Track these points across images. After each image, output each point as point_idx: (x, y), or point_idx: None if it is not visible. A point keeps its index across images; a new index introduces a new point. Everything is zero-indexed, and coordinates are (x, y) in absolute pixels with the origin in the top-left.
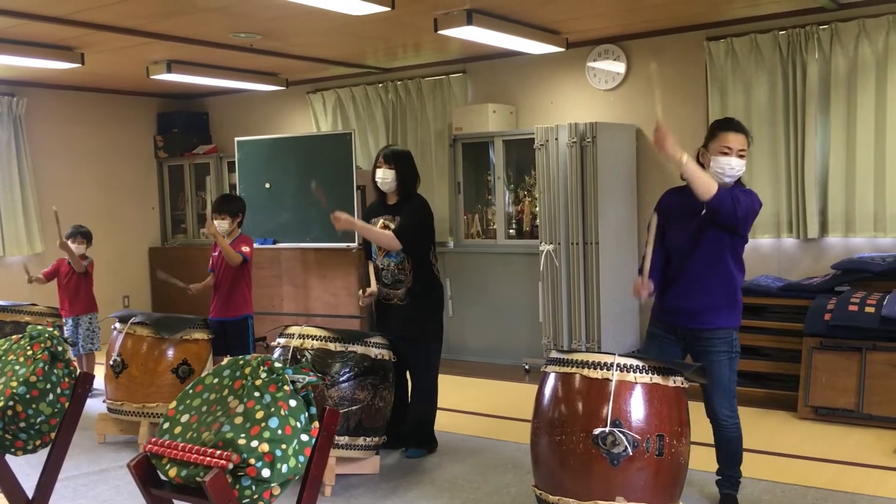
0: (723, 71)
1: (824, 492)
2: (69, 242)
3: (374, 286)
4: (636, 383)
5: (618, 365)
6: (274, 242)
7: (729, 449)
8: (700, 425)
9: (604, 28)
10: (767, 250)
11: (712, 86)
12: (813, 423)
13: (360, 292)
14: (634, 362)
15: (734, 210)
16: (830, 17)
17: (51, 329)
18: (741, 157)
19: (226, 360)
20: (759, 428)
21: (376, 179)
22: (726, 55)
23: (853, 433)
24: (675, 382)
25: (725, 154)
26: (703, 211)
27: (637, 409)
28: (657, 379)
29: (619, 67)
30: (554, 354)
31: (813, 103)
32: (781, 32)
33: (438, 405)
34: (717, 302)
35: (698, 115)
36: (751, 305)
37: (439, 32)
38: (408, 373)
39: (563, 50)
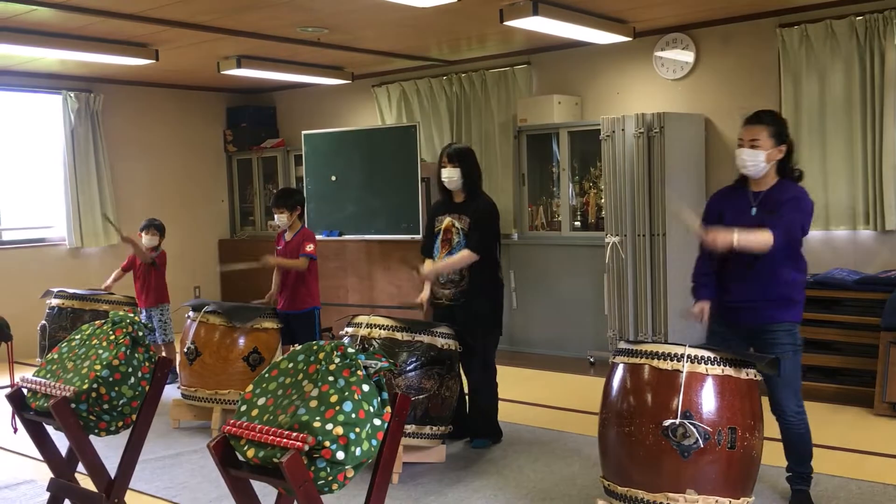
0: (796, 59)
1: None
2: (142, 234)
3: (425, 292)
4: (707, 375)
5: (688, 356)
6: (339, 234)
7: (798, 445)
8: (773, 420)
9: (672, 16)
10: (842, 242)
11: (785, 74)
12: (890, 420)
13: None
14: (706, 353)
15: (791, 238)
16: None
17: (132, 315)
18: (753, 146)
19: (299, 346)
20: (833, 424)
21: (443, 179)
22: (800, 42)
23: None
24: (747, 375)
25: (739, 146)
26: (754, 210)
27: (708, 400)
28: (729, 371)
29: (688, 56)
30: (622, 345)
31: (892, 91)
32: (858, 18)
33: (503, 396)
34: (780, 297)
35: (770, 104)
36: (824, 299)
37: (505, 23)
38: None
39: (630, 39)
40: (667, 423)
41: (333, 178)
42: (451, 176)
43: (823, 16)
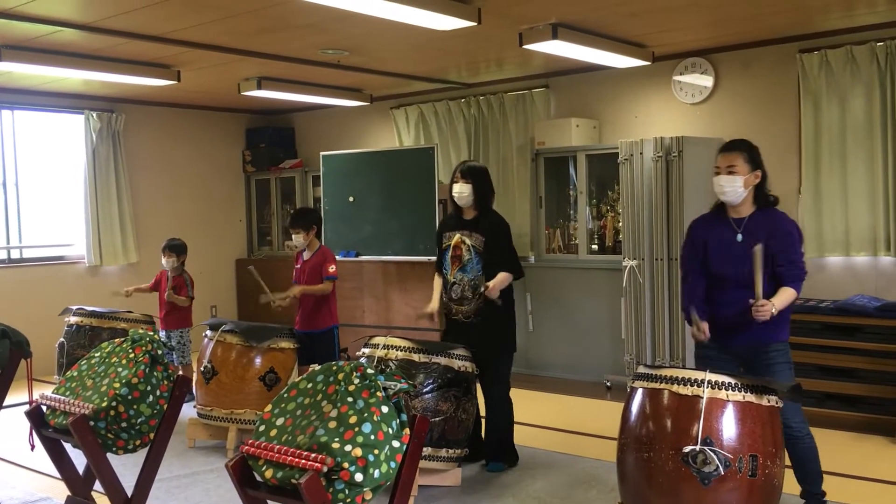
0: (816, 84)
1: None
2: (163, 256)
3: (435, 303)
4: (728, 401)
5: (709, 382)
6: (357, 255)
7: (808, 461)
8: None
9: (691, 41)
10: (863, 269)
11: (805, 99)
12: None
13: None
14: (727, 379)
15: (803, 274)
16: None
17: (151, 334)
18: (731, 173)
19: (318, 367)
20: (854, 452)
21: (453, 194)
22: (820, 68)
23: None
24: (768, 401)
25: (716, 173)
26: (740, 237)
27: (729, 427)
28: (750, 397)
29: (707, 81)
30: (642, 370)
31: None
32: (879, 44)
33: (519, 419)
34: (773, 318)
35: (790, 129)
36: (846, 326)
37: (524, 47)
38: (479, 385)
39: (648, 63)
40: (687, 449)
41: (351, 198)
42: (462, 192)
43: (844, 41)
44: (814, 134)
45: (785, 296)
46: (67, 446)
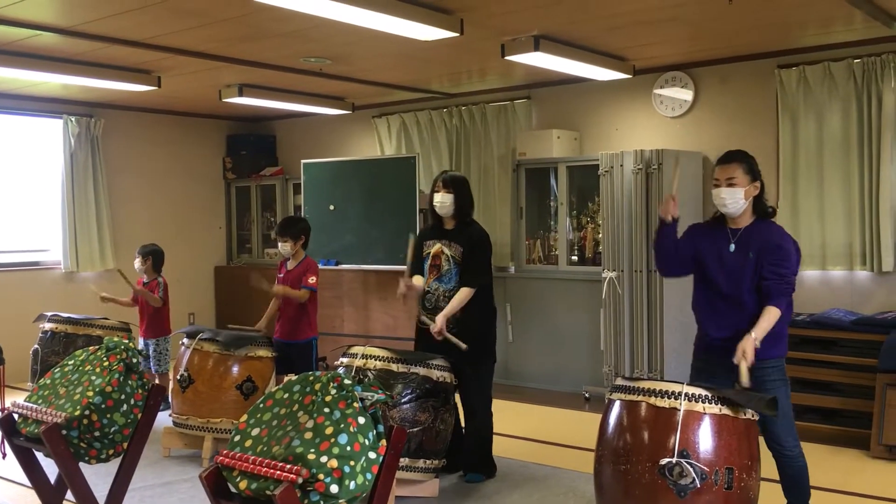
0: (794, 99)
1: None
2: (136, 262)
3: (405, 282)
4: (705, 414)
5: (686, 394)
6: (336, 264)
7: (800, 480)
8: (770, 461)
9: (672, 55)
10: (839, 283)
11: (783, 114)
12: (887, 463)
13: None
14: (703, 392)
15: (790, 289)
16: None
17: (126, 341)
18: (731, 185)
19: (295, 377)
20: (829, 466)
21: (434, 203)
22: (798, 83)
23: None
24: (745, 414)
25: (716, 186)
26: (733, 247)
27: (705, 440)
28: (726, 410)
29: (687, 95)
30: (619, 382)
31: (889, 132)
32: (856, 61)
33: (497, 430)
34: (768, 333)
35: (769, 144)
36: (821, 339)
37: (506, 58)
38: (458, 396)
39: (629, 76)
40: (663, 461)
41: (332, 207)
42: (442, 201)
43: (822, 58)
44: (791, 149)
45: (767, 320)
46: (39, 455)
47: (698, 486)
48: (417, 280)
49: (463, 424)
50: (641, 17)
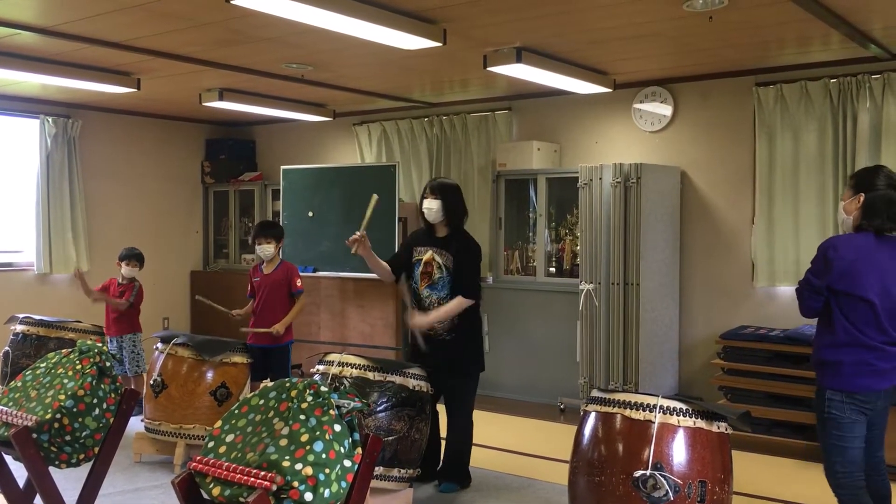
0: (771, 116)
1: None
2: (122, 264)
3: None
4: (679, 426)
5: (661, 407)
6: (314, 270)
7: None
8: (742, 474)
9: (652, 70)
10: None
11: (760, 131)
12: None
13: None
14: (678, 405)
15: (799, 298)
16: (883, 67)
17: (100, 345)
18: (842, 203)
19: (271, 383)
20: (802, 480)
21: (423, 209)
22: (775, 101)
23: None
24: (718, 428)
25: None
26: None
27: (679, 452)
28: (700, 423)
29: (666, 110)
30: (595, 393)
31: (864, 152)
32: (832, 80)
33: (474, 440)
34: (815, 358)
35: (746, 160)
36: (794, 354)
37: (488, 69)
38: (442, 405)
39: (609, 90)
40: (637, 473)
41: (311, 213)
42: (430, 207)
43: (799, 77)
44: (768, 165)
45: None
46: (8, 459)
47: (671, 498)
48: (379, 261)
49: (444, 434)
50: (623, 33)
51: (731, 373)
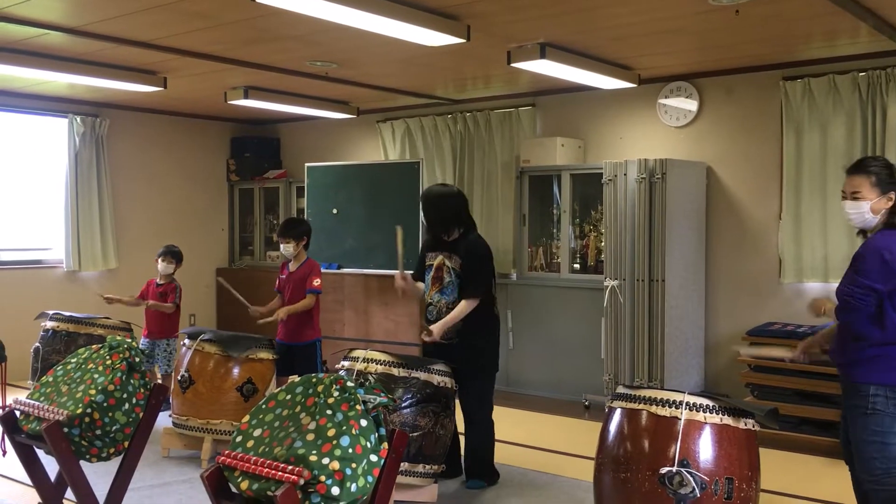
0: (799, 111)
1: None
2: (158, 260)
3: (420, 286)
4: (706, 423)
5: (687, 403)
6: (338, 268)
7: None
8: (770, 471)
9: (677, 65)
10: None
11: (787, 126)
12: None
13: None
14: (704, 401)
15: (850, 302)
16: None
17: (129, 341)
18: (855, 198)
19: (297, 378)
20: (828, 478)
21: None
22: (803, 95)
23: None
24: (745, 424)
25: (843, 198)
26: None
27: (706, 449)
28: (727, 420)
29: (692, 105)
30: (621, 390)
31: (893, 145)
32: (861, 74)
33: (498, 437)
34: (853, 357)
35: (773, 155)
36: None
37: (512, 65)
38: (459, 403)
39: (634, 86)
40: (664, 470)
41: (335, 210)
42: (426, 220)
43: (826, 70)
44: (795, 161)
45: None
46: (40, 453)
47: (698, 495)
48: (419, 286)
49: (462, 431)
50: (647, 28)
51: (757, 369)
